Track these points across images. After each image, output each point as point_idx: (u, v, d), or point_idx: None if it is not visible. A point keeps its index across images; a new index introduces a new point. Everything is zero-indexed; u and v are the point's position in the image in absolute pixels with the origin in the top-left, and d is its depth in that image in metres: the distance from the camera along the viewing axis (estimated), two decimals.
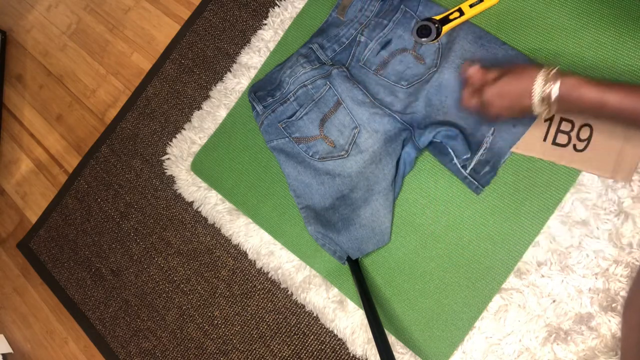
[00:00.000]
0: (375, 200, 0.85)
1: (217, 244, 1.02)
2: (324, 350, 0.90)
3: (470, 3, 0.87)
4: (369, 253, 0.87)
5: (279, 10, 1.07)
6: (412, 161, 0.87)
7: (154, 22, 1.25)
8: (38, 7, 1.43)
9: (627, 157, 0.74)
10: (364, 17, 0.94)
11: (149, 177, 1.13)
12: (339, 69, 0.92)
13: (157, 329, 1.04)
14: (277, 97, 0.96)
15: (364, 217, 0.86)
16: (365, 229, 0.86)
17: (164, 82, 1.17)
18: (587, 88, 0.62)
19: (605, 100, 0.60)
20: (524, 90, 0.66)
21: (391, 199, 0.85)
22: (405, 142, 0.86)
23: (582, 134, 0.77)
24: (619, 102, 0.60)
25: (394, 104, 0.89)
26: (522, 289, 0.77)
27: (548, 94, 0.64)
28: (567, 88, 0.63)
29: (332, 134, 0.92)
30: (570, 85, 0.63)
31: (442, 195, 0.85)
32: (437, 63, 0.87)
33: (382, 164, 0.86)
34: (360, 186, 0.87)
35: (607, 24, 0.80)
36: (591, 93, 0.62)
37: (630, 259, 0.72)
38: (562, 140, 0.78)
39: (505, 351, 0.76)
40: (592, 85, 0.62)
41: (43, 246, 1.21)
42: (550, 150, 0.79)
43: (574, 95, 0.63)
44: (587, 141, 0.77)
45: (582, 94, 0.62)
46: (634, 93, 0.60)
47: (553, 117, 0.79)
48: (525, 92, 0.66)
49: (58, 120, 1.31)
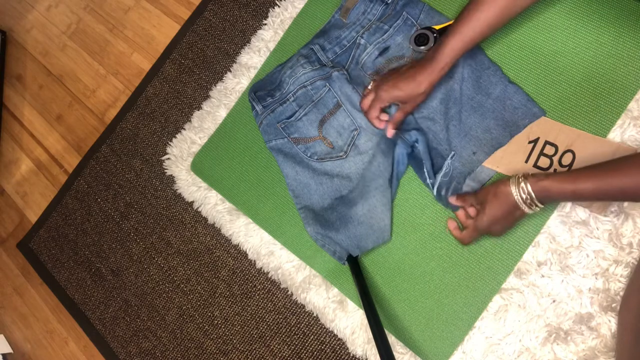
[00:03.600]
0: (372, 196, 0.85)
1: (217, 244, 1.02)
2: (324, 350, 0.90)
3: None
4: (370, 252, 0.88)
5: (279, 10, 1.07)
6: (404, 159, 0.86)
7: (154, 22, 1.25)
8: (38, 7, 1.43)
9: None
10: (366, 21, 0.94)
11: (149, 177, 1.13)
12: (339, 71, 0.92)
13: (157, 329, 1.04)
14: (277, 97, 0.96)
15: (361, 213, 0.86)
16: (363, 225, 0.86)
17: (164, 82, 1.17)
18: (559, 183, 0.64)
19: (580, 190, 0.62)
20: (509, 205, 0.69)
21: (388, 196, 0.85)
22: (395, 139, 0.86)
23: (564, 159, 0.77)
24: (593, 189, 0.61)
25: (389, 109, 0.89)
26: (522, 289, 0.77)
27: (529, 197, 0.67)
28: (539, 188, 0.66)
29: (331, 135, 0.92)
30: (541, 185, 0.65)
31: None
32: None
33: (377, 160, 0.86)
34: (356, 183, 0.87)
35: (607, 24, 0.80)
36: (565, 185, 0.63)
37: (630, 259, 0.72)
38: (543, 163, 0.78)
39: (505, 351, 0.76)
40: (562, 180, 0.64)
41: (43, 246, 1.21)
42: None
43: (551, 191, 0.65)
44: (568, 167, 0.76)
45: (555, 190, 0.64)
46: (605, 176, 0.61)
47: (538, 139, 0.79)
48: (511, 207, 0.69)
49: (58, 120, 1.31)
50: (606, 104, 0.78)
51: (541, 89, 0.82)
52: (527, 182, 0.66)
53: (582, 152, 0.76)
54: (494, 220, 0.71)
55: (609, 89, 0.78)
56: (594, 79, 0.79)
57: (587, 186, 0.61)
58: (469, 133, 0.83)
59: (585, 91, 0.79)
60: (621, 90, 0.77)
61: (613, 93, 0.78)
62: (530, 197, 0.66)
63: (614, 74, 0.78)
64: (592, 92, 0.79)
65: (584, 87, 0.80)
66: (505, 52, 0.85)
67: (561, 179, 0.64)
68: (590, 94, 0.79)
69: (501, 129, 0.81)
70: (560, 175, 0.64)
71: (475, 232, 0.75)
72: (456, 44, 0.72)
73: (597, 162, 0.63)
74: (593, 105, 0.78)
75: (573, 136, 0.77)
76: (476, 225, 0.74)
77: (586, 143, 0.76)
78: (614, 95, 0.78)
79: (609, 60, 0.79)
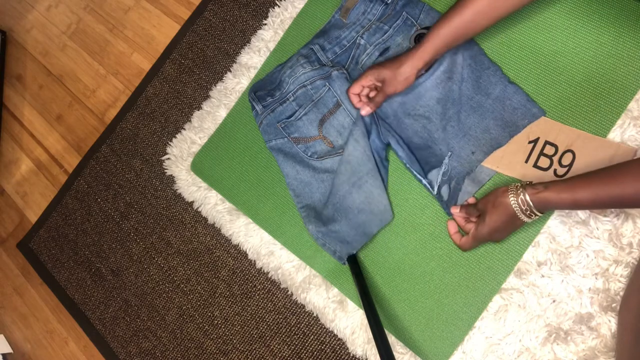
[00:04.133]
0: (365, 182, 0.85)
1: (217, 244, 1.02)
2: (324, 350, 0.90)
3: None
4: (370, 252, 0.88)
5: (279, 10, 1.07)
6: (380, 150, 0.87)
7: (154, 22, 1.25)
8: (38, 7, 1.43)
9: None
10: (366, 21, 0.94)
11: (149, 177, 1.13)
12: (339, 70, 0.92)
13: (157, 329, 1.04)
14: (277, 97, 0.96)
15: (359, 201, 0.86)
16: (365, 212, 0.86)
17: (164, 82, 1.17)
18: (557, 193, 0.64)
19: (579, 200, 0.63)
20: (509, 216, 0.70)
21: (380, 179, 0.86)
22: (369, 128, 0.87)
23: (564, 159, 0.77)
24: (592, 198, 0.62)
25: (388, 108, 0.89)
26: (522, 289, 0.77)
27: (528, 208, 0.67)
28: (538, 199, 0.66)
29: (331, 134, 0.92)
30: (540, 196, 0.66)
31: None
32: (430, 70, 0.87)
33: (361, 144, 0.86)
34: (344, 171, 0.87)
35: (607, 24, 0.80)
36: (563, 195, 0.64)
37: (630, 259, 0.72)
38: (543, 163, 0.78)
39: (505, 351, 0.76)
40: (561, 190, 0.64)
41: (43, 246, 1.21)
42: (530, 172, 0.79)
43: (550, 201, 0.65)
44: (568, 167, 0.76)
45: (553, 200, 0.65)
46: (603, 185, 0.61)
47: (538, 139, 0.79)
48: (510, 216, 0.70)
49: (58, 120, 1.31)
50: (606, 104, 0.78)
51: (541, 89, 0.82)
52: (526, 193, 0.67)
53: (582, 152, 0.76)
54: (494, 229, 0.72)
55: (609, 89, 0.78)
56: (594, 79, 0.79)
57: (585, 195, 0.62)
58: (467, 133, 0.83)
59: (585, 91, 0.79)
60: (621, 90, 0.77)
61: (613, 93, 0.78)
62: (530, 207, 0.67)
63: (614, 74, 0.78)
64: (592, 92, 0.79)
65: (584, 87, 0.80)
66: (505, 52, 0.85)
67: (559, 188, 0.64)
68: (590, 94, 0.79)
69: (500, 129, 0.81)
70: (558, 185, 0.65)
71: (475, 242, 0.76)
72: (442, 33, 0.74)
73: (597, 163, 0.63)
74: (593, 105, 0.78)
75: (573, 136, 0.77)
76: (477, 235, 0.74)
77: (586, 143, 0.76)
78: (614, 95, 0.78)
79: (609, 60, 0.79)
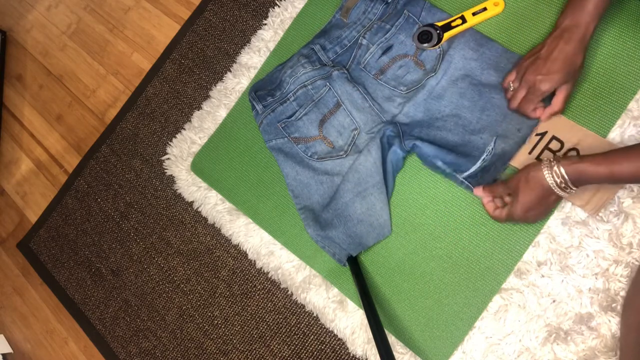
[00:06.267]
0: (370, 194, 0.85)
1: (217, 244, 1.02)
2: (324, 350, 0.90)
3: (474, 11, 0.87)
4: (370, 252, 0.87)
5: (279, 10, 1.07)
6: (399, 160, 0.87)
7: (154, 22, 1.25)
8: (38, 7, 1.43)
9: (600, 193, 0.74)
10: (367, 20, 0.94)
11: (149, 177, 1.13)
12: (340, 70, 0.92)
13: (157, 329, 1.04)
14: (277, 96, 0.96)
15: (360, 212, 0.86)
16: (364, 224, 0.86)
17: (164, 82, 1.17)
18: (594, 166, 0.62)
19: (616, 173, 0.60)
20: (543, 191, 0.67)
21: (385, 193, 0.85)
22: (391, 140, 0.86)
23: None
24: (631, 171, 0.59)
25: (391, 108, 0.89)
26: (522, 289, 0.77)
27: (563, 180, 0.64)
28: (573, 170, 0.63)
29: (331, 134, 0.92)
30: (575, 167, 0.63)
31: (442, 195, 0.85)
32: (437, 68, 0.87)
33: (373, 157, 0.85)
34: (351, 179, 0.87)
35: (607, 24, 0.80)
36: (600, 168, 0.61)
37: (630, 259, 0.72)
38: (545, 157, 0.77)
39: (505, 351, 0.76)
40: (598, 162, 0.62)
41: (43, 246, 1.21)
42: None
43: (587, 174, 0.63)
44: None
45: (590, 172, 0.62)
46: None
47: (545, 133, 0.79)
48: (545, 192, 0.67)
49: (58, 120, 1.31)
50: (606, 104, 0.78)
51: None
52: (561, 165, 0.64)
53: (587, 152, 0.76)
54: (529, 207, 0.69)
55: (609, 89, 0.78)
56: (594, 79, 0.79)
57: (623, 168, 0.59)
58: (507, 114, 0.81)
59: (585, 91, 0.79)
60: (621, 90, 0.77)
61: (613, 93, 0.78)
62: (565, 180, 0.64)
63: (614, 74, 0.78)
64: (592, 92, 0.79)
65: (584, 87, 0.79)
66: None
67: (597, 161, 0.61)
68: (590, 94, 0.79)
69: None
70: (594, 158, 0.62)
71: (509, 220, 0.73)
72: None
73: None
74: (593, 105, 0.78)
75: (581, 135, 0.77)
76: (510, 215, 0.72)
77: (593, 144, 0.76)
78: (614, 95, 0.78)
79: (609, 60, 0.79)
